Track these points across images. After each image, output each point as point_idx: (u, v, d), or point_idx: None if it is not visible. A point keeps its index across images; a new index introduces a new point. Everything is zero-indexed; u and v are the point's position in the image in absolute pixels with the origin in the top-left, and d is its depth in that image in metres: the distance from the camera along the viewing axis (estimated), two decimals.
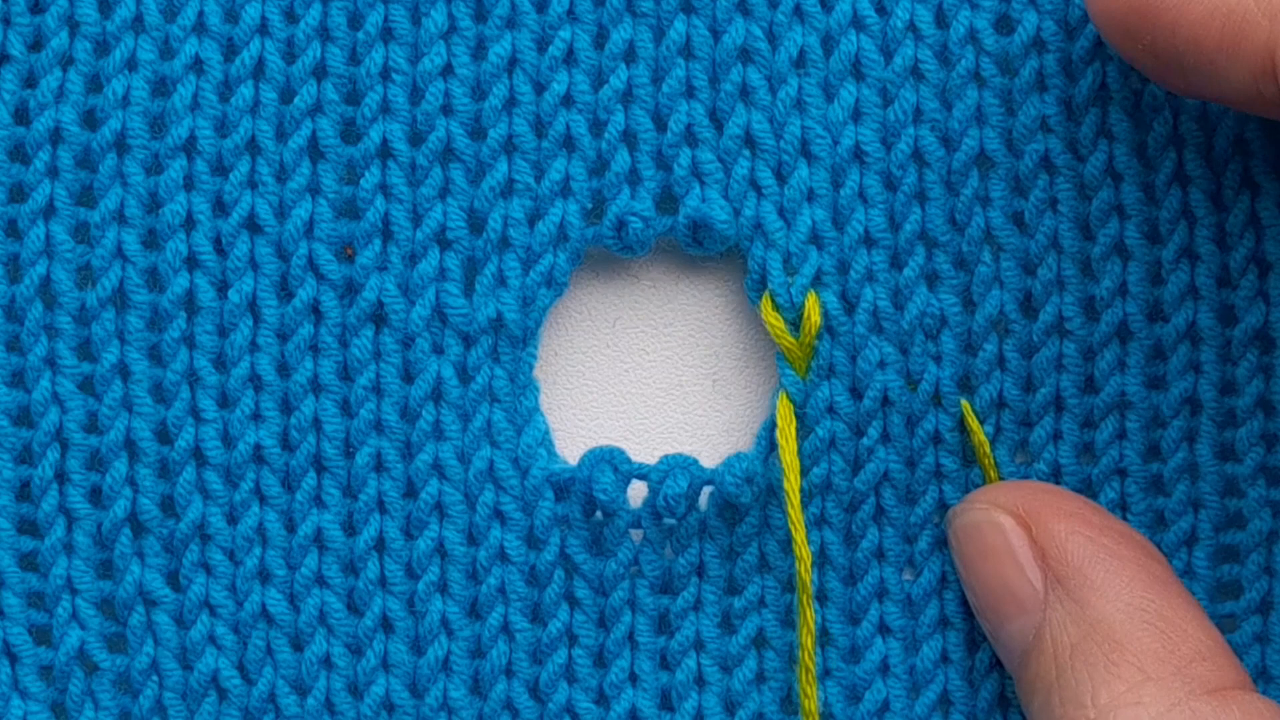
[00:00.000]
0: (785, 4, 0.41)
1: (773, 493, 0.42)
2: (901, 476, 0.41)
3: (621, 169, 0.42)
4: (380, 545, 0.42)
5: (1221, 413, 0.41)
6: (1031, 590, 0.38)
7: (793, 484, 0.41)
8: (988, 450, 0.41)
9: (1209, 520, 0.41)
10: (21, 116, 0.41)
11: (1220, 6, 0.36)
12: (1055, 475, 0.41)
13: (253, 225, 0.41)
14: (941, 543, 0.41)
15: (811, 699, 0.41)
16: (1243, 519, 0.41)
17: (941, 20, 0.42)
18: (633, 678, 0.42)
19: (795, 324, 0.42)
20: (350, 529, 0.42)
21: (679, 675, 0.42)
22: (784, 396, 0.41)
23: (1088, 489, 0.41)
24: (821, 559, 0.41)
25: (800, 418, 0.41)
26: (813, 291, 0.41)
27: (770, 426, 0.42)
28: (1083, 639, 0.37)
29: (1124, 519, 0.41)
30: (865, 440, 0.41)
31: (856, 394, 0.41)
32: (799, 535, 0.40)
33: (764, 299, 0.42)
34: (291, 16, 0.42)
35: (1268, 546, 0.41)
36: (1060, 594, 0.38)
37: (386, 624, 0.42)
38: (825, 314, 0.42)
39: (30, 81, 0.41)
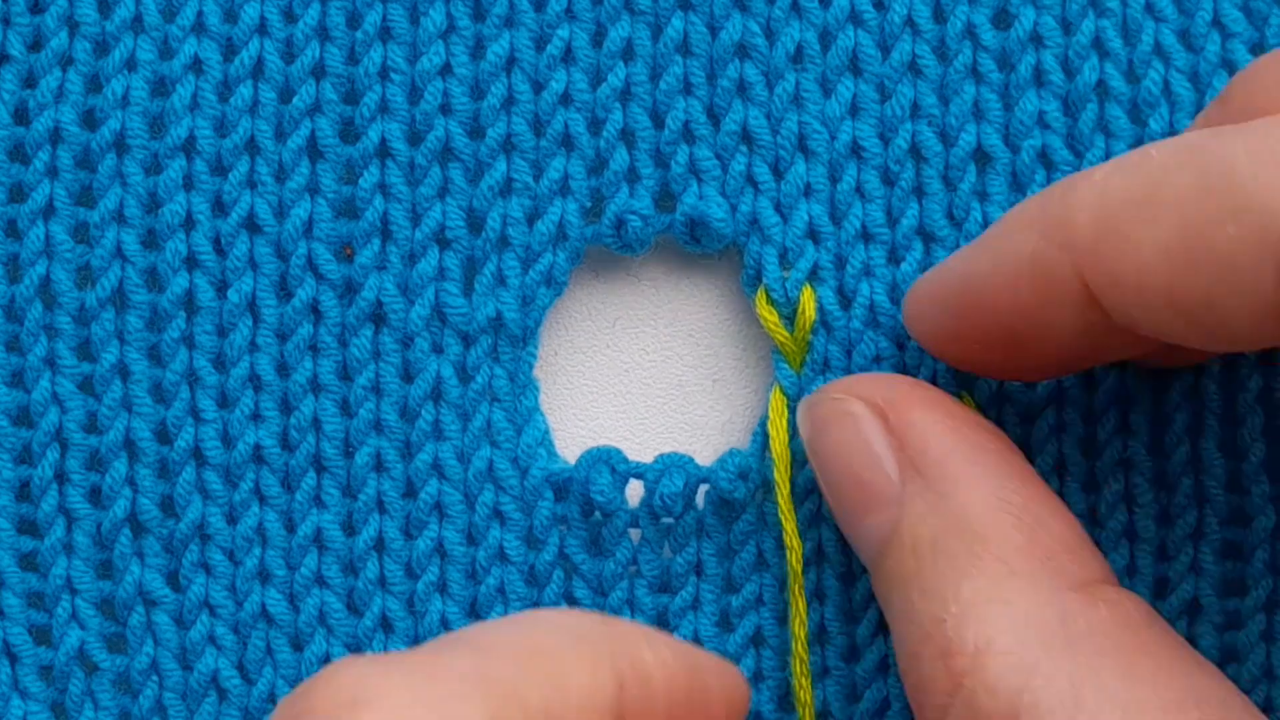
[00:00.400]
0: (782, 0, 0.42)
1: (769, 489, 0.41)
2: None
3: (620, 167, 0.42)
4: (380, 545, 0.42)
5: (1224, 407, 0.41)
6: (888, 482, 0.37)
7: (782, 474, 0.40)
8: None
9: (1215, 515, 0.41)
10: (21, 116, 0.41)
11: (1018, 265, 0.36)
12: (1058, 469, 0.41)
13: (252, 225, 0.42)
14: None
15: (806, 690, 0.41)
16: (1247, 515, 0.41)
17: (939, 15, 0.42)
18: None
19: (790, 319, 0.42)
20: (350, 529, 0.42)
21: None
22: (778, 390, 0.41)
23: (1091, 483, 0.41)
24: (819, 557, 0.41)
25: (796, 412, 0.41)
26: (808, 285, 0.41)
27: (765, 424, 0.41)
28: (943, 532, 0.36)
29: (1129, 513, 0.41)
30: None
31: None
32: (789, 525, 0.40)
33: (759, 293, 0.42)
34: (290, 16, 0.42)
35: (1271, 544, 0.41)
36: (919, 486, 0.36)
37: (386, 624, 0.42)
38: (821, 309, 0.41)
39: (30, 81, 0.42)
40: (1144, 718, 0.33)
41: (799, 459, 0.41)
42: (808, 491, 0.41)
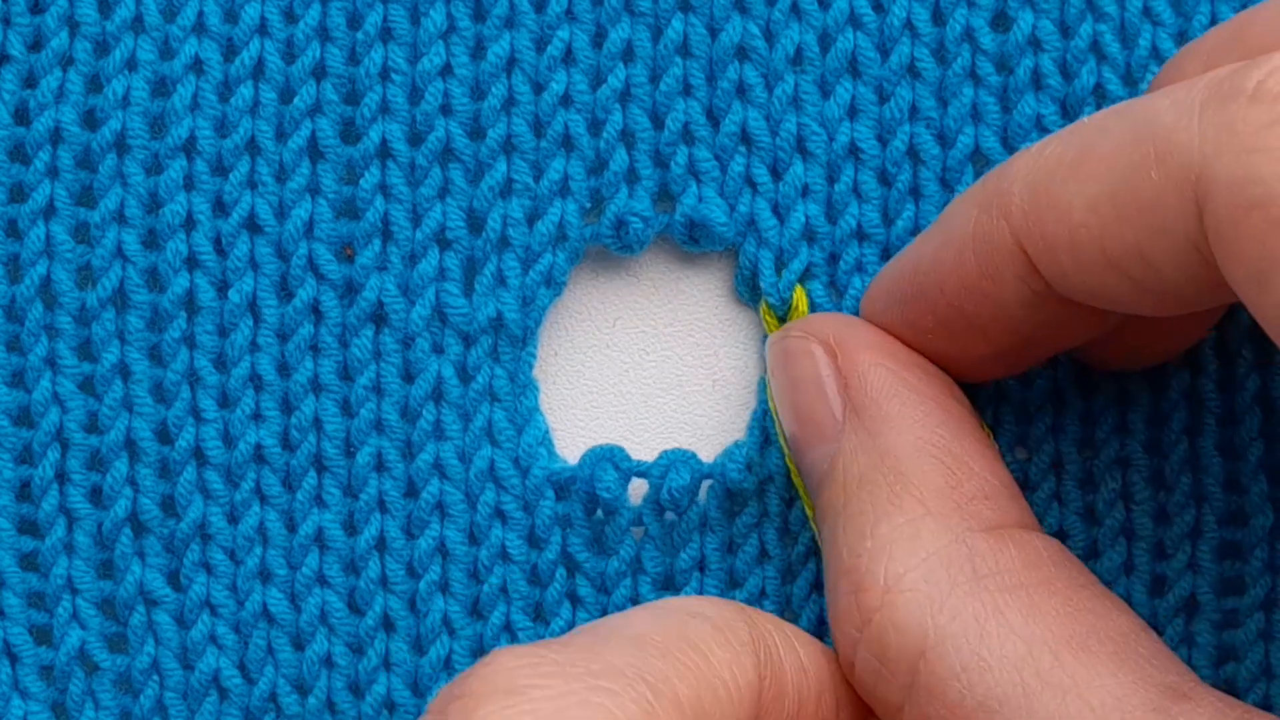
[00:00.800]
0: (782, 2, 0.42)
1: (771, 480, 0.42)
2: None
3: (620, 168, 0.42)
4: (381, 545, 0.42)
5: (1222, 406, 0.41)
6: (832, 419, 0.38)
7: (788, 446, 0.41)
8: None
9: (1213, 514, 0.41)
10: (21, 116, 0.41)
11: (961, 241, 0.36)
12: (1056, 467, 0.41)
13: (253, 225, 0.42)
14: None
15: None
16: (1245, 514, 0.41)
17: (938, 18, 0.42)
18: None
19: (784, 318, 0.42)
20: (351, 529, 0.42)
21: None
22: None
23: (1089, 482, 0.41)
24: (818, 548, 0.41)
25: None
26: (799, 285, 0.42)
27: (762, 415, 0.42)
28: (870, 469, 0.37)
29: (1127, 511, 0.41)
30: None
31: None
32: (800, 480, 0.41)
33: (763, 304, 0.42)
34: (291, 17, 0.42)
35: (1270, 543, 0.41)
36: (855, 424, 0.37)
37: (388, 623, 0.42)
38: (812, 304, 0.42)
39: (30, 81, 0.41)
40: (1045, 650, 0.34)
41: None
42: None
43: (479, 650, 0.42)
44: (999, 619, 0.34)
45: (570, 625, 0.42)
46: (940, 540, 0.35)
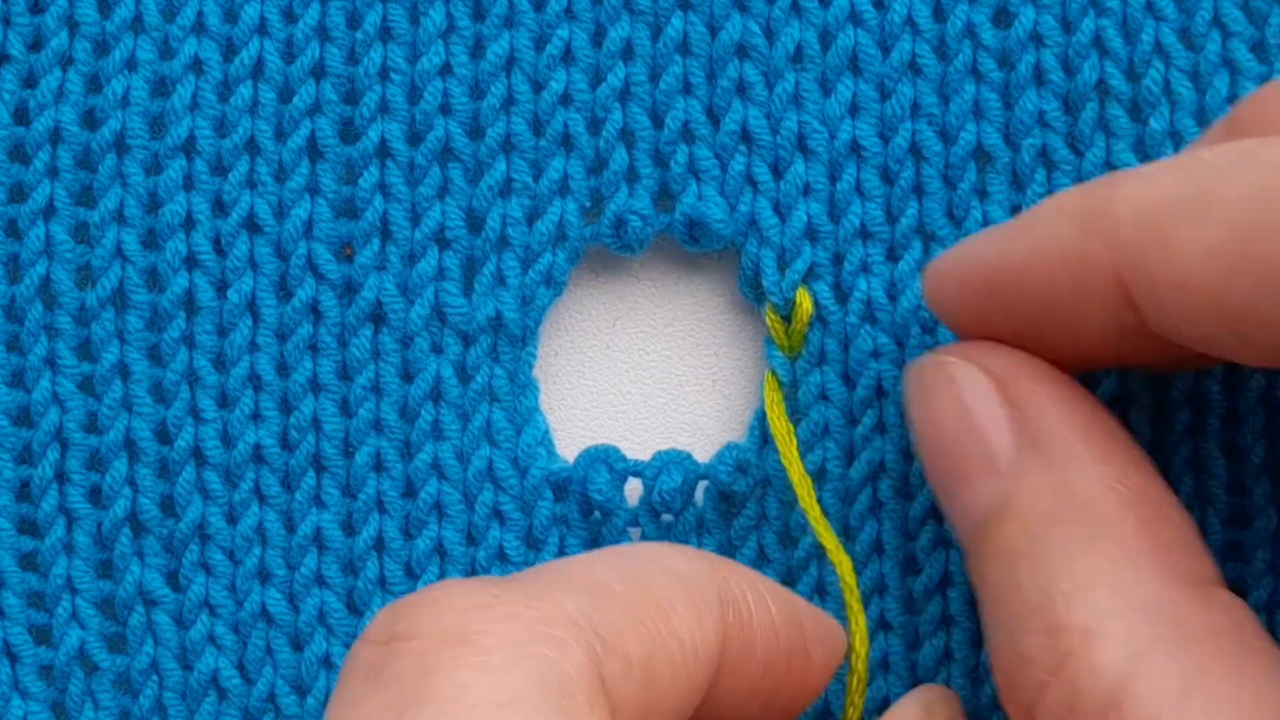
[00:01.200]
0: None
1: (768, 483, 0.41)
2: (898, 469, 0.41)
3: (619, 167, 0.42)
4: (380, 545, 0.42)
5: (1225, 407, 0.41)
6: (998, 451, 0.36)
7: (788, 449, 0.40)
8: None
9: (1216, 515, 0.41)
10: (21, 116, 0.42)
11: (1055, 255, 0.35)
12: None
13: (252, 225, 0.42)
14: (944, 541, 0.41)
15: (857, 708, 0.40)
16: (1248, 516, 0.41)
17: (939, 15, 0.42)
18: None
19: (788, 318, 0.42)
20: (350, 529, 0.42)
21: None
22: (770, 374, 0.41)
23: None
24: (818, 552, 0.41)
25: (793, 407, 0.41)
26: (803, 286, 0.41)
27: (761, 416, 0.42)
28: (1058, 508, 0.34)
29: None
30: (859, 429, 0.41)
31: (849, 381, 0.41)
32: (807, 497, 0.40)
33: (768, 306, 0.42)
34: (290, 16, 0.42)
35: (1273, 545, 0.41)
36: (1036, 459, 0.35)
37: None
38: (817, 304, 0.41)
39: (30, 81, 0.42)
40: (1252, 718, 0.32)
41: (800, 453, 0.41)
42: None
43: None
44: (1203, 682, 0.32)
45: None
46: (1143, 589, 0.34)
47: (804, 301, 0.41)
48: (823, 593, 0.41)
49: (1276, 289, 0.31)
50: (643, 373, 0.43)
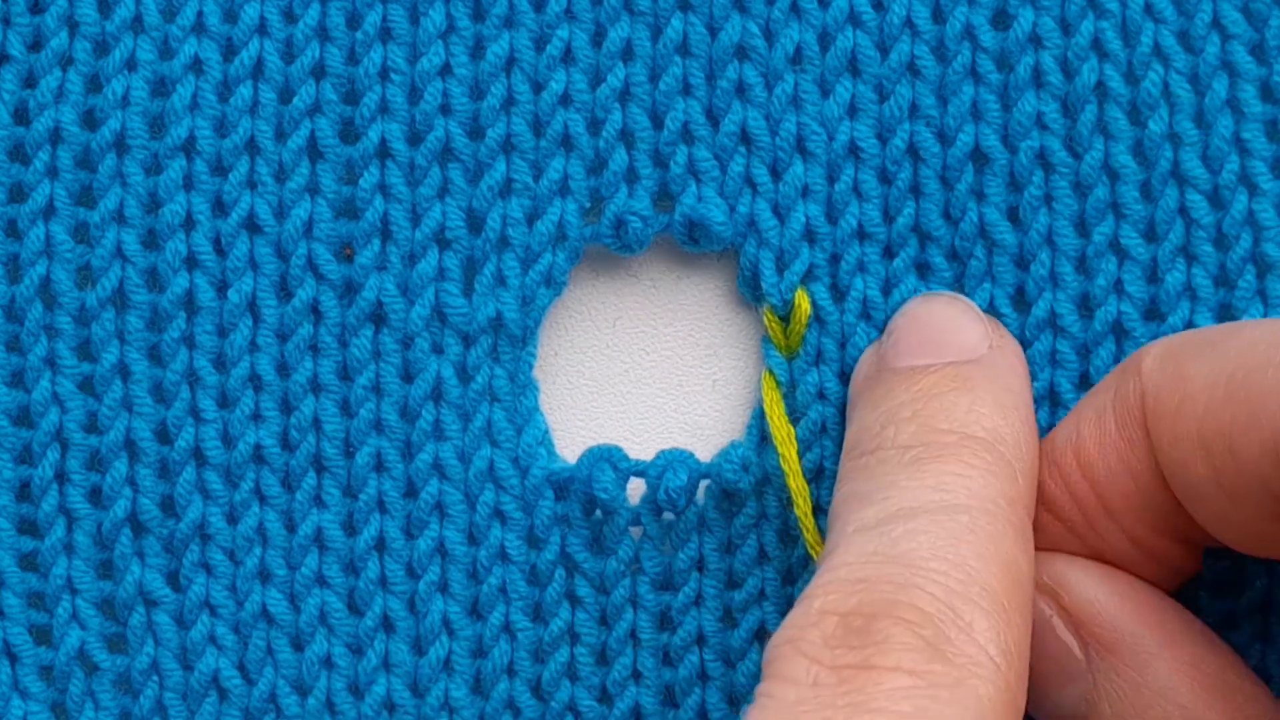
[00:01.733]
0: (782, 1, 0.42)
1: (769, 481, 0.42)
2: None
3: (619, 168, 0.42)
4: (381, 545, 0.42)
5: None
6: (1075, 660, 0.37)
7: (786, 444, 0.40)
8: None
9: None
10: (21, 116, 0.41)
11: (1101, 404, 0.37)
12: None
13: (252, 225, 0.42)
14: None
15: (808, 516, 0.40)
16: None
17: (938, 16, 0.42)
18: (635, 675, 0.42)
19: (785, 318, 0.42)
20: (350, 529, 0.42)
21: (681, 671, 0.42)
22: (768, 373, 0.42)
23: None
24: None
25: (790, 406, 0.41)
26: (801, 288, 0.42)
27: (760, 415, 0.42)
28: (1146, 708, 0.36)
29: None
30: None
31: (847, 381, 0.41)
32: (789, 457, 0.40)
33: (766, 308, 0.42)
34: (290, 17, 0.42)
35: None
36: (1111, 662, 0.37)
37: (387, 624, 0.42)
38: (814, 304, 0.42)
39: (30, 81, 0.41)
40: None
41: (799, 451, 0.41)
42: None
43: (478, 651, 0.42)
44: None
45: (569, 625, 0.42)
46: None
47: (802, 303, 0.42)
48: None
49: (1246, 415, 0.33)
50: (642, 373, 0.43)
